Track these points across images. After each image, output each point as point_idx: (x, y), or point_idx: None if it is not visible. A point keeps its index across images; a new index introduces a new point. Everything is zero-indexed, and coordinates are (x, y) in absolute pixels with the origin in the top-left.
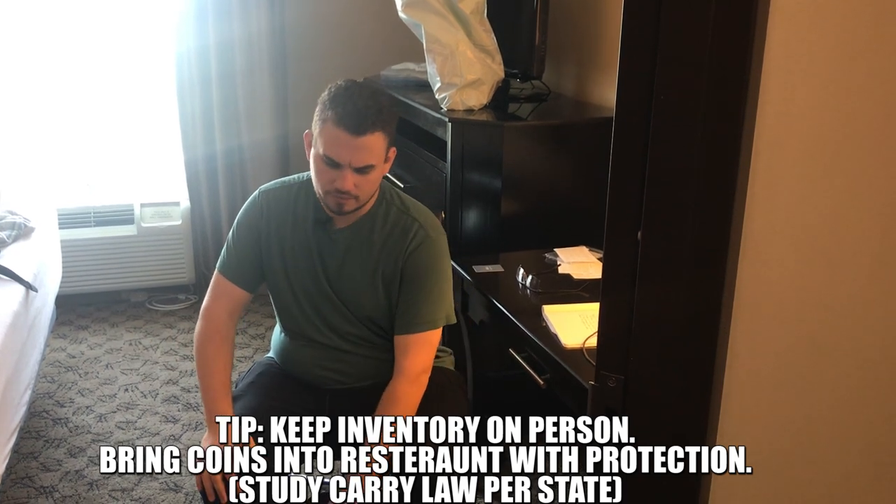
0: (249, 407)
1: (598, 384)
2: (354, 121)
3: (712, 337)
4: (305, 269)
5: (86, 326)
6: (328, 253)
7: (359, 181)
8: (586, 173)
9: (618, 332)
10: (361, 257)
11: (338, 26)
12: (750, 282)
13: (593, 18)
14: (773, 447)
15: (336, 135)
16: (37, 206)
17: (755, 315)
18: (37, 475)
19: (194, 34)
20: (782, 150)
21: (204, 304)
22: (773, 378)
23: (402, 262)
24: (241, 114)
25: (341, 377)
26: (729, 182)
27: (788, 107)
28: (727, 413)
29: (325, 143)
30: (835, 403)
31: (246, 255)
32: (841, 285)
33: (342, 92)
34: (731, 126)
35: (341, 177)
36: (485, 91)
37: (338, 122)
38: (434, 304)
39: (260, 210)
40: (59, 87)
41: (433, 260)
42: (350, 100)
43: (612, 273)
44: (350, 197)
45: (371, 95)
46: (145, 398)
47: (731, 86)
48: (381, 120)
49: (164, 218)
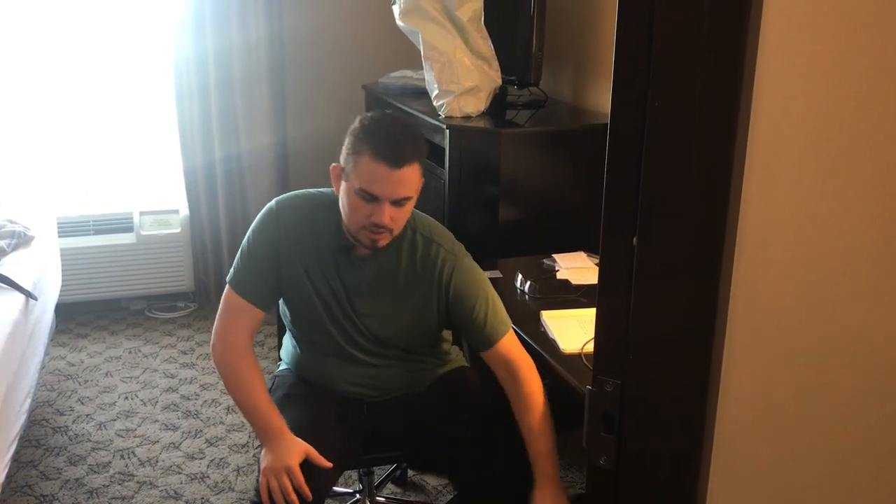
0: (297, 418)
1: (595, 389)
2: (393, 153)
3: (709, 341)
4: (328, 293)
5: (85, 335)
6: (353, 280)
7: (395, 214)
8: (584, 179)
9: (614, 336)
10: (389, 285)
11: (336, 34)
12: (746, 285)
13: (590, 25)
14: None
15: (373, 168)
16: (36, 214)
17: (751, 319)
18: (37, 484)
19: (193, 42)
20: (777, 155)
21: (220, 326)
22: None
23: (440, 291)
24: (240, 121)
25: (372, 392)
26: (724, 187)
27: (783, 112)
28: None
29: (362, 176)
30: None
31: (261, 273)
32: (838, 289)
33: (375, 124)
34: (726, 131)
35: (378, 211)
36: (482, 98)
37: (375, 155)
38: (496, 309)
39: (276, 225)
40: (59, 96)
41: (472, 276)
42: (385, 132)
43: (608, 278)
44: (385, 231)
45: (404, 128)
46: (145, 406)
47: (726, 91)
48: (417, 151)
49: (164, 226)
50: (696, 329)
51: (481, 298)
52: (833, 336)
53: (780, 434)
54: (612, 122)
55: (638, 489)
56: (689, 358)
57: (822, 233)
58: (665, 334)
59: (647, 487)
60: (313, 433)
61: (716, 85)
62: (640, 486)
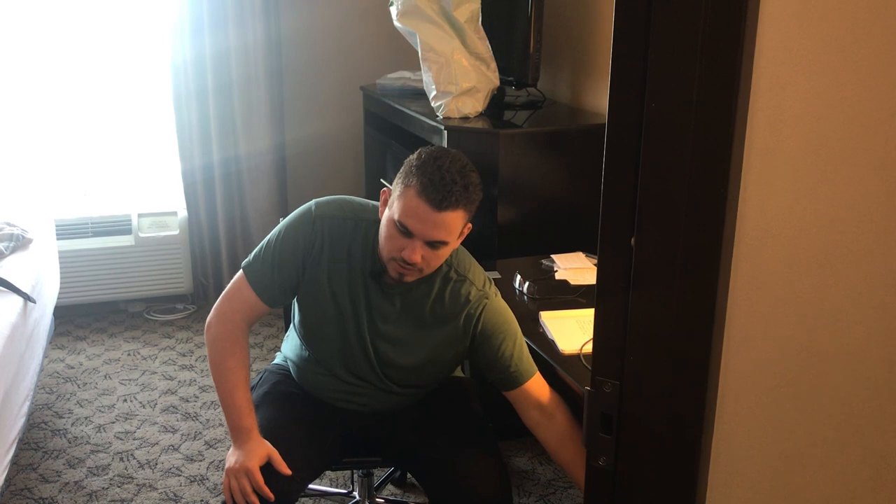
0: (271, 419)
1: (593, 390)
2: (438, 195)
3: (707, 341)
4: (350, 314)
5: (84, 337)
6: (379, 307)
7: (428, 255)
8: (582, 179)
9: (613, 337)
10: (416, 316)
11: (333, 36)
12: (744, 286)
13: (588, 26)
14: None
15: (416, 205)
16: (34, 217)
17: (749, 319)
18: (36, 486)
19: (190, 45)
20: (774, 155)
21: (221, 307)
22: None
23: (468, 328)
24: (238, 124)
25: (358, 407)
26: (721, 187)
27: (780, 112)
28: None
29: (403, 210)
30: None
31: (280, 270)
32: (836, 288)
33: (432, 161)
34: (723, 131)
35: (411, 247)
36: (480, 99)
37: (420, 192)
38: (523, 350)
39: (311, 231)
40: (57, 98)
41: (503, 316)
42: (438, 171)
43: (607, 279)
44: (414, 270)
45: (460, 170)
46: (144, 408)
47: (722, 92)
48: (466, 198)
49: (162, 228)
50: (694, 330)
51: (510, 338)
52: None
53: (779, 434)
54: (609, 123)
55: (636, 490)
56: (688, 359)
57: (819, 232)
58: (663, 335)
59: (646, 488)
60: (283, 435)
61: (713, 85)
62: (638, 487)
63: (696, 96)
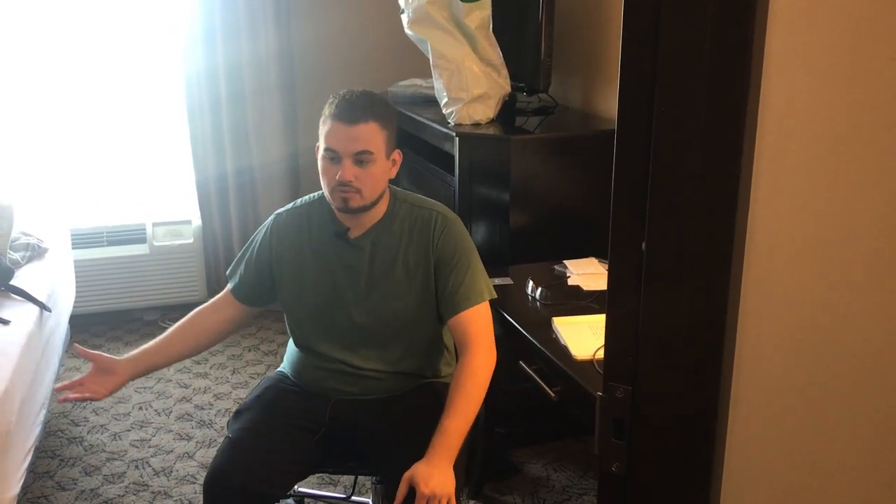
0: (257, 420)
1: (606, 395)
2: (348, 112)
3: (719, 346)
4: (328, 284)
5: (99, 345)
6: (353, 261)
7: (359, 173)
8: (594, 185)
9: (624, 342)
10: (389, 255)
11: (345, 45)
12: (755, 289)
13: (598, 31)
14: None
15: (333, 127)
16: (50, 226)
17: (761, 322)
18: (52, 494)
19: (203, 56)
20: (785, 157)
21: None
22: (781, 385)
23: (432, 252)
24: (251, 133)
25: (349, 389)
26: (732, 190)
27: (790, 114)
28: (735, 422)
29: (325, 137)
30: (843, 408)
31: (252, 274)
32: (848, 290)
33: (339, 95)
34: (733, 135)
35: (342, 168)
36: (491, 105)
37: (333, 115)
38: (474, 278)
39: (269, 235)
40: (72, 109)
41: (460, 238)
42: (344, 98)
43: (617, 284)
44: (352, 190)
45: (363, 93)
46: (159, 416)
47: (732, 95)
48: (373, 111)
49: (176, 236)
50: (705, 334)
51: (462, 262)
52: (845, 339)
53: (792, 439)
54: (618, 128)
55: (649, 495)
56: (700, 363)
57: (831, 235)
58: (675, 340)
59: (659, 493)
60: (266, 439)
61: (722, 90)
62: (651, 493)
63: (706, 101)
